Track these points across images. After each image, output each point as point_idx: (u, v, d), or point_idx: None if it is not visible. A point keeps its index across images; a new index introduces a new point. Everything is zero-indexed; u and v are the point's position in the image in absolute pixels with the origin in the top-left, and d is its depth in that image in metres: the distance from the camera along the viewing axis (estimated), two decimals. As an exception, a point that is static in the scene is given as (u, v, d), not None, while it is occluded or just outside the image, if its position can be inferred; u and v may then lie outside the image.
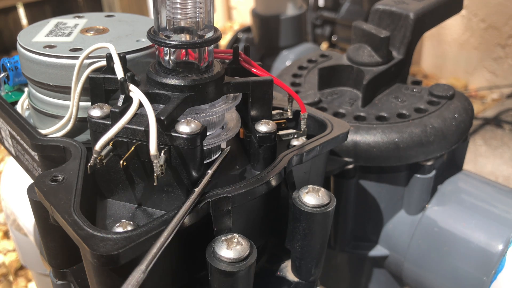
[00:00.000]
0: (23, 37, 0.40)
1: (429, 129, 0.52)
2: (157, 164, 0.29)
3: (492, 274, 0.49)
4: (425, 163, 0.53)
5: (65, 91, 0.38)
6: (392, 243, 0.57)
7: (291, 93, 0.39)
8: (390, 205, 0.56)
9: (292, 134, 0.40)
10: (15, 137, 0.40)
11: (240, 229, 0.33)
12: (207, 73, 0.33)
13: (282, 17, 1.09)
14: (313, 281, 0.38)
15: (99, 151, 0.30)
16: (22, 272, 1.02)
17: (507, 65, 1.63)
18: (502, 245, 0.49)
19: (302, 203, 0.33)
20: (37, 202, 0.33)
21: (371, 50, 0.58)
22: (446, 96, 0.56)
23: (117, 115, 0.31)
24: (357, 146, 0.51)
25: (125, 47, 0.38)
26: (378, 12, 0.58)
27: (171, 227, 0.28)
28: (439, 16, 0.60)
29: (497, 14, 1.59)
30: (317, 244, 0.35)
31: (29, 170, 0.42)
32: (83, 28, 0.42)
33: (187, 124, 0.30)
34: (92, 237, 0.27)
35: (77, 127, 0.38)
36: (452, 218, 0.53)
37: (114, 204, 0.34)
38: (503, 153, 1.22)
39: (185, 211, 0.29)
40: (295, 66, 0.66)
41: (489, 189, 0.56)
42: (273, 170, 0.34)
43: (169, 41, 0.32)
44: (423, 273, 0.55)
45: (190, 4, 0.32)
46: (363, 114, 0.54)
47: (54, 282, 0.39)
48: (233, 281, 0.29)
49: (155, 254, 0.26)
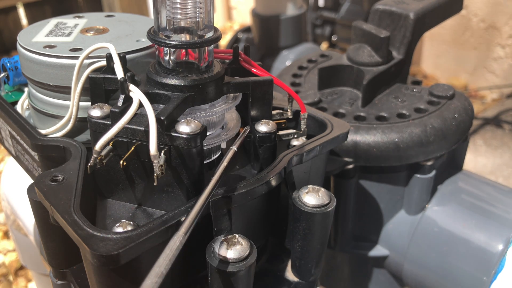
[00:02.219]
0: (23, 37, 0.40)
1: (429, 129, 0.52)
2: (157, 164, 0.29)
3: (492, 274, 0.49)
4: (425, 163, 0.53)
5: (65, 91, 0.38)
6: (392, 243, 0.57)
7: (291, 93, 0.39)
8: (390, 205, 0.56)
9: (292, 134, 0.40)
10: (15, 137, 0.40)
11: (240, 229, 0.33)
12: (207, 73, 0.33)
13: (282, 17, 1.09)
14: (313, 281, 0.38)
15: (99, 151, 0.30)
16: (22, 272, 1.02)
17: (507, 65, 1.63)
18: (502, 245, 0.49)
19: (302, 203, 0.33)
20: (37, 202, 0.33)
21: (371, 50, 0.58)
22: (446, 96, 0.56)
23: (117, 115, 0.31)
24: (357, 146, 0.51)
25: (125, 47, 0.38)
26: (378, 12, 0.58)
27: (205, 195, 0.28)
28: (439, 16, 0.60)
29: (497, 14, 1.59)
30: (317, 244, 0.35)
31: (29, 170, 0.42)
32: (83, 28, 0.42)
33: (187, 124, 0.30)
34: (92, 237, 0.26)
35: (77, 127, 0.38)
36: (452, 218, 0.53)
37: (114, 204, 0.34)
38: (503, 153, 1.23)
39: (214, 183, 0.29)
40: (295, 66, 0.66)
41: (489, 189, 0.56)
42: (273, 170, 0.34)
43: (169, 41, 0.32)
44: (423, 273, 0.55)
45: (190, 4, 0.32)
46: (363, 114, 0.54)
47: (54, 282, 0.39)
48: (233, 281, 0.29)
49: (193, 220, 0.27)
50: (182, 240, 0.26)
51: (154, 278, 0.23)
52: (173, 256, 0.25)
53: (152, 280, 0.23)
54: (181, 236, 0.26)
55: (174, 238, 0.26)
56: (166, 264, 0.24)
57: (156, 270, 0.24)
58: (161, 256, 0.25)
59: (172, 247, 0.25)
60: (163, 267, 0.24)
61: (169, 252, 0.25)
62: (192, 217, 0.27)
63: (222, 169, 0.31)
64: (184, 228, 0.26)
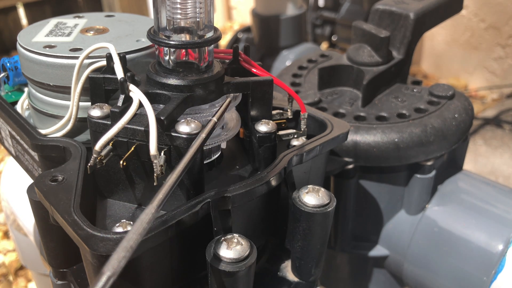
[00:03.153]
0: (23, 37, 0.40)
1: (429, 129, 0.52)
2: (157, 164, 0.29)
3: (492, 274, 0.49)
4: (425, 163, 0.53)
5: (65, 91, 0.38)
6: (392, 243, 0.57)
7: (291, 93, 0.39)
8: (390, 205, 0.56)
9: (292, 134, 0.40)
10: (15, 137, 0.40)
11: (240, 229, 0.33)
12: (207, 73, 0.33)
13: (282, 17, 1.09)
14: (313, 281, 0.38)
15: (99, 151, 0.30)
16: (22, 272, 1.02)
17: (507, 65, 1.63)
18: (502, 245, 0.49)
19: (302, 203, 0.33)
20: (37, 202, 0.33)
21: (371, 50, 0.58)
22: (446, 96, 0.56)
23: (117, 115, 0.31)
24: (357, 146, 0.51)
25: (125, 47, 0.38)
26: (378, 12, 0.58)
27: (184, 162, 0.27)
28: (439, 16, 0.60)
29: (497, 14, 1.59)
30: (317, 244, 0.35)
31: (29, 170, 0.42)
32: (83, 28, 0.42)
33: (187, 124, 0.30)
34: (92, 237, 0.26)
35: (77, 127, 0.38)
36: (452, 218, 0.53)
37: (114, 204, 0.34)
38: (503, 153, 1.23)
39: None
40: (295, 66, 0.66)
41: (489, 189, 0.56)
42: (273, 170, 0.34)
43: (169, 41, 0.32)
44: (423, 273, 0.55)
45: (190, 4, 0.32)
46: (363, 114, 0.54)
47: (54, 282, 0.39)
48: (233, 281, 0.29)
49: (167, 192, 0.25)
50: (154, 213, 0.24)
51: (122, 252, 0.22)
52: (144, 230, 0.23)
53: (120, 255, 0.22)
54: (154, 208, 0.24)
55: (146, 211, 0.24)
56: (135, 239, 0.23)
57: (124, 244, 0.22)
58: (131, 230, 0.23)
59: (143, 220, 0.24)
60: (132, 241, 0.22)
61: (140, 225, 0.23)
62: (166, 189, 0.26)
63: (201, 141, 0.29)
64: (156, 201, 0.25)
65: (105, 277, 0.21)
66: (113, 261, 0.22)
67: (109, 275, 0.21)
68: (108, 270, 0.21)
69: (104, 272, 0.21)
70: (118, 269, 0.21)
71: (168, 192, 0.26)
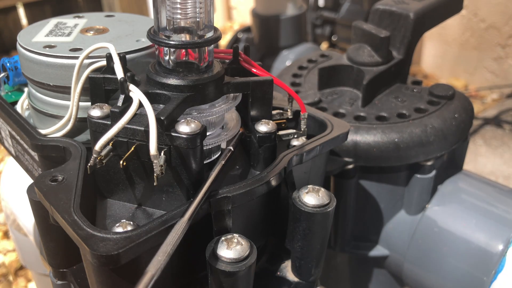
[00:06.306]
0: (23, 37, 0.40)
1: (429, 129, 0.52)
2: (157, 164, 0.29)
3: (492, 274, 0.49)
4: (425, 163, 0.53)
5: (65, 91, 0.38)
6: (392, 243, 0.57)
7: (291, 93, 0.39)
8: (390, 205, 0.56)
9: (292, 134, 0.40)
10: (15, 137, 0.40)
11: (240, 229, 0.33)
12: (207, 73, 0.33)
13: (282, 17, 1.09)
14: (313, 281, 0.38)
15: (99, 151, 0.30)
16: (22, 272, 1.02)
17: (507, 65, 1.63)
18: (502, 245, 0.49)
19: (302, 203, 0.33)
20: (37, 202, 0.33)
21: (371, 50, 0.58)
22: (446, 96, 0.56)
23: (117, 115, 0.31)
24: (357, 146, 0.51)
25: (125, 47, 0.38)
26: (378, 12, 0.58)
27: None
28: (439, 16, 0.60)
29: (497, 14, 1.59)
30: (317, 244, 0.35)
31: (29, 170, 0.42)
32: (83, 28, 0.42)
33: (187, 124, 0.30)
34: (92, 237, 0.26)
35: (77, 127, 0.38)
36: (452, 218, 0.53)
37: (114, 204, 0.34)
38: (503, 153, 1.23)
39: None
40: (295, 66, 0.66)
41: (489, 189, 0.56)
42: (273, 170, 0.34)
43: (169, 41, 0.32)
44: (423, 273, 0.55)
45: (190, 4, 0.32)
46: (363, 114, 0.54)
47: (54, 282, 0.39)
48: (233, 281, 0.29)
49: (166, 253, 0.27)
50: (185, 225, 0.28)
51: (161, 255, 0.26)
52: (179, 238, 0.27)
53: (160, 257, 0.25)
54: (185, 222, 0.28)
55: (178, 225, 0.28)
56: (173, 244, 0.26)
57: (164, 248, 0.26)
58: (168, 237, 0.27)
59: (178, 230, 0.27)
60: (169, 246, 0.26)
61: (175, 234, 0.27)
62: (195, 206, 0.29)
63: (220, 167, 0.31)
64: (188, 214, 0.28)
65: (149, 275, 0.25)
66: (155, 261, 0.25)
67: (153, 274, 0.25)
68: (151, 269, 0.25)
69: (148, 270, 0.25)
70: (159, 269, 0.25)
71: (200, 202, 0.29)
